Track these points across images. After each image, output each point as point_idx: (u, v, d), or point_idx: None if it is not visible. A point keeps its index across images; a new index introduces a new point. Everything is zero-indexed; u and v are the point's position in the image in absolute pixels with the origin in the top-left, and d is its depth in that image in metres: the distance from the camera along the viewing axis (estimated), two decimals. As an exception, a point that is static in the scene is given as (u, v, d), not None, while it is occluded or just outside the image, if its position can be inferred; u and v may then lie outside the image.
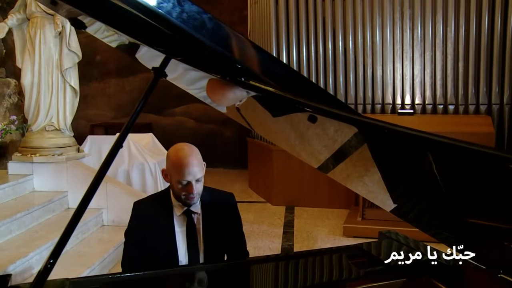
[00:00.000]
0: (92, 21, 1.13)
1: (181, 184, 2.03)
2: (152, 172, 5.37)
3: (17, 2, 4.75)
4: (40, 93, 4.66)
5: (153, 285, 1.64)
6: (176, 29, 0.86)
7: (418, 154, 1.38)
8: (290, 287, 1.65)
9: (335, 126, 1.96)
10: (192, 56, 1.01)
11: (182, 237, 2.11)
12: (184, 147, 2.09)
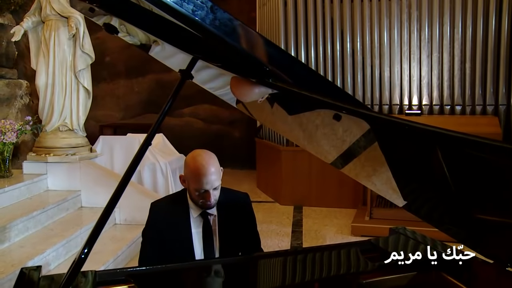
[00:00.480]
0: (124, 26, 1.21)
1: (198, 192, 2.09)
2: (163, 172, 5.46)
3: (33, 5, 4.85)
4: (54, 94, 4.76)
5: (174, 276, 1.71)
6: (209, 34, 0.94)
7: (429, 151, 1.44)
8: (307, 279, 1.73)
9: (343, 126, 2.03)
10: (223, 59, 1.09)
11: (198, 237, 2.17)
12: (203, 156, 2.12)
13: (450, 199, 1.64)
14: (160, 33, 1.12)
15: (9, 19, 7.31)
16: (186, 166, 2.15)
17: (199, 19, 0.92)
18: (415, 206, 1.94)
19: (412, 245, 1.98)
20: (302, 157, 6.56)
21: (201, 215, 2.18)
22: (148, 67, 10.06)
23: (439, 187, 1.63)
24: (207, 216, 2.18)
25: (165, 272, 1.73)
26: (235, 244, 2.21)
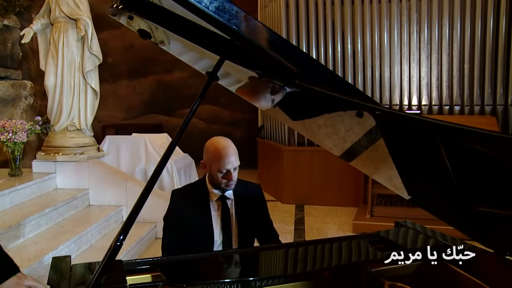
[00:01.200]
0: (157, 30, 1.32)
1: (221, 172, 2.26)
2: (169, 170, 5.56)
3: (42, 8, 4.96)
4: (62, 95, 4.87)
5: (196, 265, 1.82)
6: (244, 40, 1.05)
7: (432, 145, 1.54)
8: (319, 267, 1.84)
9: (346, 126, 2.14)
10: (255, 62, 1.20)
11: (217, 219, 2.35)
12: (221, 140, 2.32)
13: (453, 193, 1.75)
14: (190, 36, 1.23)
15: (14, 21, 7.41)
16: (206, 151, 2.33)
17: (235, 26, 1.03)
18: (420, 200, 2.05)
19: (417, 237, 2.09)
20: (304, 156, 6.68)
21: (220, 198, 2.36)
22: (150, 68, 10.17)
23: (442, 182, 1.73)
24: (225, 200, 2.36)
25: (188, 261, 1.84)
26: (250, 225, 2.40)
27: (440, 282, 1.79)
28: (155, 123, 10.06)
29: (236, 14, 1.03)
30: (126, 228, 1.44)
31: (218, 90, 7.97)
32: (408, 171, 1.94)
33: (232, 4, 1.13)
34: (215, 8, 1.06)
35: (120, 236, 1.40)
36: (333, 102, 1.34)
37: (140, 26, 1.31)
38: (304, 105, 1.89)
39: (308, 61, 1.29)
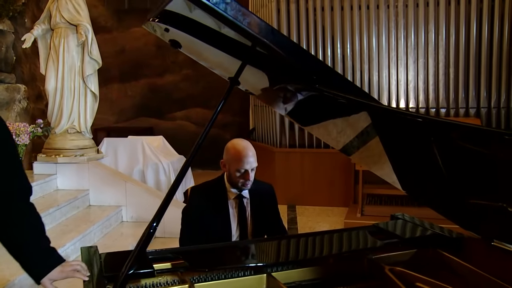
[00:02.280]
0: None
1: (239, 172, 2.42)
2: (166, 171, 5.71)
3: (42, 14, 5.10)
4: (63, 98, 5.00)
5: (214, 253, 1.99)
6: (272, 50, 1.22)
7: (427, 143, 1.71)
8: (324, 254, 2.02)
9: (337, 128, 2.32)
10: (280, 70, 1.37)
11: (234, 217, 2.52)
12: (241, 142, 2.49)
13: (445, 187, 1.93)
14: (216, 43, 1.40)
15: (8, 25, 7.47)
16: (227, 152, 2.49)
17: (265, 38, 1.20)
18: (413, 194, 2.24)
19: (412, 227, 2.28)
20: (295, 158, 6.88)
21: (237, 197, 2.53)
22: (141, 71, 10.29)
23: (435, 177, 1.91)
24: (242, 198, 2.54)
25: (206, 250, 2.01)
26: (263, 221, 2.59)
27: (434, 266, 1.97)
28: (146, 126, 10.17)
29: (266, 28, 1.21)
30: (159, 216, 1.58)
31: (209, 93, 8.16)
32: (402, 168, 2.12)
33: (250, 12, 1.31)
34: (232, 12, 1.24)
35: (153, 224, 1.55)
36: (345, 106, 1.51)
37: (171, 37, 1.47)
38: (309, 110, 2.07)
39: (323, 67, 1.47)
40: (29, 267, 1.69)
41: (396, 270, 1.83)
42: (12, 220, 1.67)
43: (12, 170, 1.70)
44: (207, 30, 1.33)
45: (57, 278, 1.69)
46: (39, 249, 1.71)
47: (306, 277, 1.86)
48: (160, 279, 1.76)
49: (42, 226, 1.76)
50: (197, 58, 1.74)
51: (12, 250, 1.69)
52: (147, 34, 10.13)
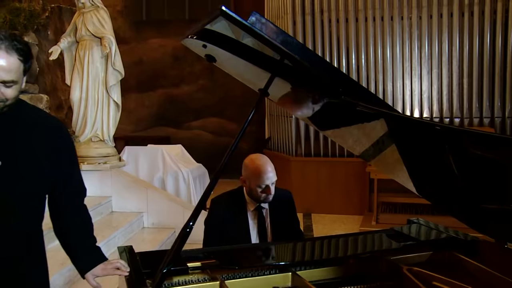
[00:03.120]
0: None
1: (260, 188, 2.52)
2: (185, 179, 5.86)
3: (69, 27, 5.31)
4: (87, 108, 5.17)
5: (241, 253, 2.12)
6: (302, 65, 1.35)
7: (441, 149, 1.82)
8: (345, 254, 2.14)
9: (353, 137, 2.44)
10: (310, 82, 1.51)
11: (254, 227, 2.62)
12: (259, 157, 2.59)
13: (459, 193, 2.04)
14: (251, 58, 1.55)
15: (32, 38, 7.71)
16: (246, 169, 2.59)
17: (296, 55, 1.33)
18: (429, 199, 2.35)
19: (427, 231, 2.39)
20: (311, 166, 6.99)
21: (256, 208, 2.63)
22: (158, 82, 10.50)
23: (449, 184, 2.02)
24: (261, 209, 2.64)
25: (235, 250, 2.14)
26: (282, 230, 2.67)
27: (450, 268, 2.07)
28: (163, 135, 10.35)
29: (296, 45, 1.34)
30: (195, 216, 1.70)
31: (224, 103, 8.33)
32: (418, 175, 2.23)
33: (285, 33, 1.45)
34: (267, 31, 1.38)
35: (190, 223, 1.68)
36: (366, 115, 1.64)
37: (208, 52, 1.61)
38: (326, 116, 2.20)
39: (349, 80, 1.61)
40: (76, 262, 1.86)
41: (413, 270, 1.93)
42: (71, 216, 1.85)
43: (79, 172, 1.91)
44: (241, 46, 1.47)
45: (99, 274, 1.85)
46: (87, 246, 1.87)
47: (328, 276, 1.98)
48: (192, 277, 1.89)
49: (91, 225, 1.93)
50: (228, 70, 1.88)
51: (64, 243, 1.86)
52: (164, 45, 10.38)
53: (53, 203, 1.85)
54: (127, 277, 1.79)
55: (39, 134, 1.72)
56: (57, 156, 1.76)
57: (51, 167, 1.73)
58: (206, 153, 8.50)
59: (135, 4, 10.32)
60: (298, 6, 6.93)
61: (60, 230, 1.89)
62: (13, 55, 1.51)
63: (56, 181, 1.77)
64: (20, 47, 1.54)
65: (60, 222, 1.88)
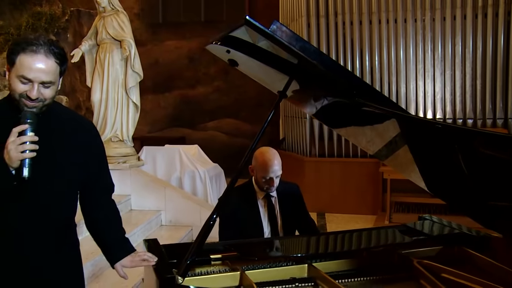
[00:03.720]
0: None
1: (265, 179, 2.73)
2: (202, 178, 6.00)
3: (90, 30, 5.47)
4: (107, 109, 5.33)
5: (259, 246, 2.24)
6: (318, 70, 1.47)
7: (451, 150, 1.92)
8: (358, 247, 2.25)
9: (367, 137, 2.55)
10: (325, 85, 1.62)
11: (264, 214, 2.82)
12: (268, 151, 2.79)
13: (469, 190, 2.13)
14: (271, 62, 1.67)
15: (52, 41, 7.95)
16: (255, 159, 2.79)
17: (314, 60, 1.45)
18: (440, 196, 2.44)
19: (439, 227, 2.49)
20: (324, 167, 7.09)
21: (265, 197, 2.83)
22: (174, 83, 10.65)
23: (460, 181, 2.11)
24: (270, 198, 2.84)
25: (253, 243, 2.26)
26: (292, 218, 2.89)
27: (459, 261, 2.16)
28: (178, 136, 10.49)
29: (314, 52, 1.46)
30: (217, 209, 1.82)
31: (239, 104, 8.45)
32: (429, 173, 2.32)
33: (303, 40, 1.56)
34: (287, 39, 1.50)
35: (213, 215, 1.80)
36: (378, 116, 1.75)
37: (230, 57, 1.73)
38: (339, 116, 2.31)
39: (362, 83, 1.72)
40: (107, 252, 1.99)
41: (423, 262, 2.04)
42: (103, 210, 1.99)
43: (108, 170, 2.06)
44: (262, 51, 1.59)
45: (128, 265, 1.98)
46: (117, 238, 2.00)
47: (342, 268, 2.09)
48: (214, 267, 2.01)
49: (120, 218, 2.06)
50: (249, 73, 2.00)
51: (96, 236, 2.00)
52: (180, 47, 10.54)
53: (85, 198, 1.98)
54: (154, 266, 1.92)
55: (73, 133, 1.85)
56: (89, 153, 1.90)
57: (84, 164, 1.86)
58: (221, 153, 8.64)
59: (152, 7, 10.49)
60: (313, 9, 7.03)
61: (92, 224, 2.02)
62: (51, 59, 1.65)
63: (88, 177, 1.90)
64: (57, 51, 1.68)
65: (92, 216, 2.01)
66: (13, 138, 1.59)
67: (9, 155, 1.58)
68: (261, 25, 1.38)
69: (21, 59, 1.62)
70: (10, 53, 1.65)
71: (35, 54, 1.62)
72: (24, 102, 1.65)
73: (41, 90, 1.65)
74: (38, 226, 1.76)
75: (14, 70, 1.64)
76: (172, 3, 10.35)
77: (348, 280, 1.99)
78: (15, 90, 1.65)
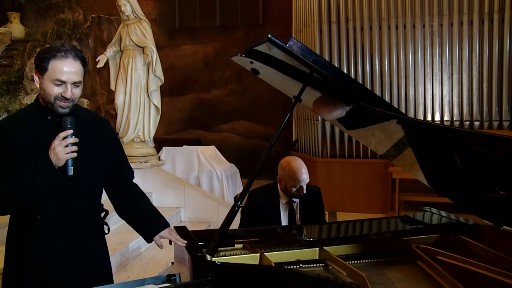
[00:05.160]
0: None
1: (295, 187, 2.95)
2: (219, 178, 6.30)
3: (114, 37, 5.81)
4: (130, 111, 5.65)
5: (276, 232, 2.53)
6: (328, 78, 1.76)
7: (448, 149, 2.18)
8: (365, 233, 2.53)
9: (376, 138, 2.81)
10: (333, 91, 1.91)
11: (285, 218, 3.05)
12: (295, 160, 3.00)
13: (464, 184, 2.39)
14: (288, 72, 1.96)
15: (75, 46, 8.30)
16: (283, 170, 3.00)
17: (324, 70, 1.74)
18: (439, 191, 2.71)
19: (437, 218, 2.76)
20: (336, 167, 7.36)
21: (288, 202, 3.07)
22: (190, 86, 10.97)
23: (456, 177, 2.37)
24: (292, 203, 3.07)
25: (270, 230, 2.55)
26: (310, 221, 3.09)
27: (454, 247, 2.43)
28: (194, 137, 10.81)
29: (324, 64, 1.74)
30: (242, 196, 2.11)
31: (252, 107, 8.74)
32: (430, 170, 2.58)
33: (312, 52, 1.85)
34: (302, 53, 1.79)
35: (238, 202, 2.09)
36: (379, 117, 2.03)
37: (252, 66, 2.02)
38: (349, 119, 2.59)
39: (365, 90, 2.01)
40: (145, 229, 2.28)
41: (421, 246, 2.31)
42: (132, 194, 2.28)
43: (127, 158, 2.35)
44: (280, 62, 1.88)
45: (166, 236, 2.27)
46: (153, 214, 2.31)
47: (350, 252, 2.36)
48: (236, 251, 2.30)
49: (148, 198, 2.34)
50: (269, 81, 2.29)
51: (131, 219, 2.31)
52: (196, 52, 10.87)
53: (114, 187, 2.25)
54: (186, 246, 2.21)
55: (96, 129, 2.12)
56: (112, 146, 2.20)
57: (109, 155, 2.14)
58: (235, 154, 8.93)
59: (169, 13, 10.83)
60: (325, 15, 7.31)
61: (125, 210, 2.31)
62: (77, 62, 1.90)
63: (114, 167, 2.18)
64: (81, 55, 1.94)
65: (125, 202, 2.28)
66: (58, 142, 1.84)
67: (57, 156, 1.83)
68: (281, 41, 1.67)
69: (53, 65, 1.85)
70: (41, 61, 1.87)
71: (65, 58, 1.86)
72: (59, 103, 1.88)
73: (72, 90, 1.89)
74: (75, 217, 2.00)
75: (47, 76, 1.86)
76: (189, 9, 10.68)
77: (355, 261, 2.26)
78: (50, 94, 1.87)
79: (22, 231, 1.97)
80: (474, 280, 2.02)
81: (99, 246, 2.20)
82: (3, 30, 8.53)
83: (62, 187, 1.92)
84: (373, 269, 2.18)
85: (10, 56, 8.14)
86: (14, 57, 7.89)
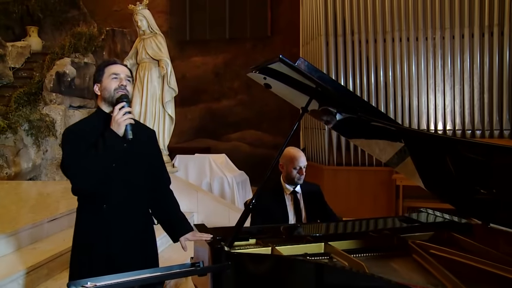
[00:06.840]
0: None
1: (295, 169, 3.29)
2: (230, 184, 6.58)
3: (130, 51, 6.14)
4: (146, 121, 5.95)
5: (285, 229, 2.80)
6: (330, 92, 2.04)
7: (442, 156, 2.44)
8: (365, 230, 2.79)
9: (379, 146, 3.07)
10: (335, 104, 2.19)
11: (291, 208, 3.37)
12: (293, 148, 3.40)
13: (457, 188, 2.64)
14: (297, 86, 2.25)
15: (91, 59, 8.65)
16: (284, 156, 3.33)
17: (328, 85, 2.02)
18: (436, 194, 2.96)
19: (433, 217, 3.02)
20: (342, 174, 7.61)
21: (292, 193, 3.38)
22: (200, 97, 11.27)
23: (450, 181, 2.62)
24: (296, 194, 3.39)
25: (279, 227, 2.82)
26: (314, 212, 3.43)
27: (447, 243, 2.68)
28: (204, 146, 11.07)
29: (327, 80, 2.03)
30: (257, 195, 2.38)
31: (261, 117, 9.04)
32: (427, 175, 2.84)
33: (317, 69, 2.14)
34: (308, 70, 2.07)
35: (252, 200, 2.37)
36: (377, 128, 2.30)
37: (265, 81, 2.31)
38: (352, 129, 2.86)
39: (364, 103, 2.30)
40: (173, 230, 2.56)
41: (416, 242, 2.57)
42: (165, 198, 2.56)
43: (165, 165, 2.66)
44: (290, 78, 2.17)
45: (190, 238, 2.56)
46: (180, 217, 2.59)
47: (352, 247, 2.62)
48: (250, 246, 2.57)
49: (178, 204, 2.63)
50: (280, 93, 2.57)
51: (163, 219, 2.59)
52: (206, 63, 11.19)
53: (152, 190, 2.52)
54: (207, 241, 2.49)
55: (145, 137, 2.44)
56: (153, 150, 2.51)
57: (153, 160, 2.45)
58: (244, 163, 9.17)
59: (180, 25, 11.16)
60: (331, 28, 7.60)
61: (160, 210, 2.59)
62: (124, 67, 2.37)
63: (156, 169, 2.49)
64: (125, 64, 2.39)
65: (160, 204, 2.57)
66: (117, 112, 2.16)
67: (118, 123, 2.15)
68: (290, 61, 1.96)
69: (107, 68, 2.30)
70: (97, 72, 2.33)
71: (115, 64, 2.34)
72: (118, 92, 2.24)
73: (128, 87, 2.29)
74: (131, 208, 2.33)
75: (105, 78, 2.28)
76: (199, 21, 11.00)
77: (356, 255, 2.51)
78: (110, 88, 2.25)
79: (90, 218, 2.32)
80: (463, 270, 2.26)
81: (151, 233, 2.57)
82: (23, 43, 8.89)
83: (118, 174, 2.25)
84: (373, 261, 2.44)
85: (30, 69, 8.49)
86: (34, 69, 8.23)
